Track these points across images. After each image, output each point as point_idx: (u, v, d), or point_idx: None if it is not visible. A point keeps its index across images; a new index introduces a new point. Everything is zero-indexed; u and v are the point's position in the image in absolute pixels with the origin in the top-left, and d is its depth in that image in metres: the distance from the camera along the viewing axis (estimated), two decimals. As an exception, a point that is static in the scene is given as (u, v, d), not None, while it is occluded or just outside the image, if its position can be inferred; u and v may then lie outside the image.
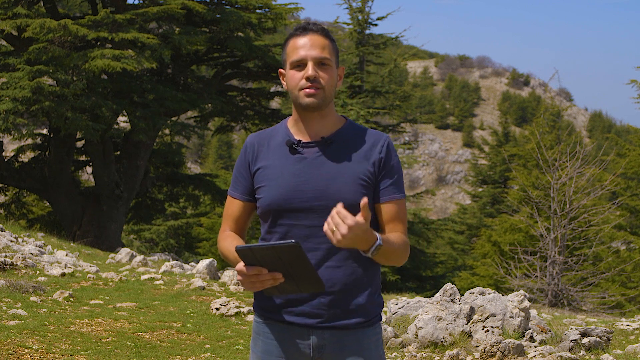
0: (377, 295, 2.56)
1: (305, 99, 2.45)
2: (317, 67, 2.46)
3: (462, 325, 6.31)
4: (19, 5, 16.12)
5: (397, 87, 23.31)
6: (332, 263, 2.46)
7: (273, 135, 2.58)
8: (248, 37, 18.61)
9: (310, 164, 2.48)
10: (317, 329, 2.48)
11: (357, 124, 2.60)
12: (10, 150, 20.82)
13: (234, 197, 2.61)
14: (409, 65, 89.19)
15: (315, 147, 2.50)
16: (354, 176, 2.46)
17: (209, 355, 6.12)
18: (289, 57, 2.50)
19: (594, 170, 14.58)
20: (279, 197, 2.47)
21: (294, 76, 2.47)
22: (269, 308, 2.54)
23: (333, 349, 2.50)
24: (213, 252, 25.66)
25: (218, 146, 60.40)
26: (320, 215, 2.42)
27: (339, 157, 2.49)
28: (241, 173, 2.59)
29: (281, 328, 2.52)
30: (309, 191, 2.45)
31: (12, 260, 8.90)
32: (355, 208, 2.33)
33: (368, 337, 2.53)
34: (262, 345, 2.57)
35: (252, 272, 2.27)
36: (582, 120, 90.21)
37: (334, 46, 2.52)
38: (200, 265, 10.05)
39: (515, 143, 31.74)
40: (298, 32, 2.51)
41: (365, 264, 2.50)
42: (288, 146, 2.51)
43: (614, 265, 14.91)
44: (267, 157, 2.53)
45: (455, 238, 28.63)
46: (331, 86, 2.48)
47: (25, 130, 16.12)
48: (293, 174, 2.47)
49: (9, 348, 5.56)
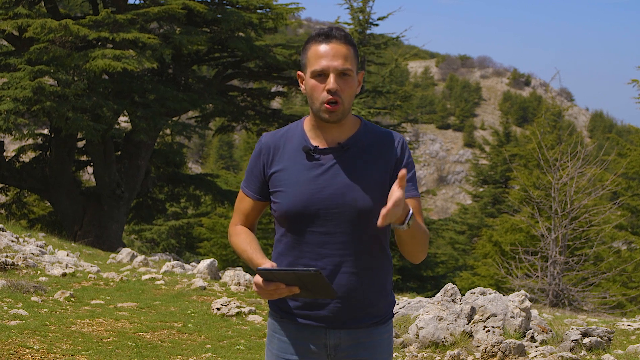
0: (390, 294, 2.61)
1: (325, 114, 2.46)
2: (338, 78, 2.45)
3: (463, 325, 6.31)
4: (20, 5, 16.12)
5: (398, 87, 23.28)
6: (349, 269, 2.49)
7: (289, 137, 2.57)
8: (249, 37, 18.60)
9: (327, 171, 2.49)
10: (333, 328, 2.52)
11: (371, 125, 2.60)
12: (12, 150, 20.83)
13: (247, 194, 2.62)
14: (410, 65, 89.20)
15: (332, 154, 2.50)
16: (371, 182, 2.48)
17: (210, 355, 6.12)
18: (309, 63, 2.48)
19: (595, 170, 14.58)
20: (296, 204, 2.48)
21: (316, 87, 2.46)
22: (285, 308, 2.56)
23: (348, 347, 2.54)
24: (214, 252, 25.66)
25: (219, 146, 60.36)
26: (336, 223, 2.45)
27: (355, 163, 2.49)
28: (254, 174, 2.59)
29: (298, 327, 2.55)
30: (325, 198, 2.46)
31: (13, 260, 8.90)
32: (372, 213, 2.40)
33: (381, 335, 2.58)
34: (278, 343, 2.59)
35: (270, 287, 2.33)
36: (583, 120, 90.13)
37: (355, 52, 2.51)
38: (201, 265, 10.05)
39: (516, 143, 31.73)
40: (321, 38, 2.48)
41: (380, 266, 2.54)
42: (305, 152, 2.51)
43: (615, 265, 14.90)
44: (282, 160, 2.54)
45: (456, 238, 28.63)
46: (351, 97, 2.49)
47: (26, 130, 16.13)
48: (310, 181, 2.48)
49: (10, 348, 5.56)
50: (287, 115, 21.41)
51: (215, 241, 26.41)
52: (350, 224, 2.46)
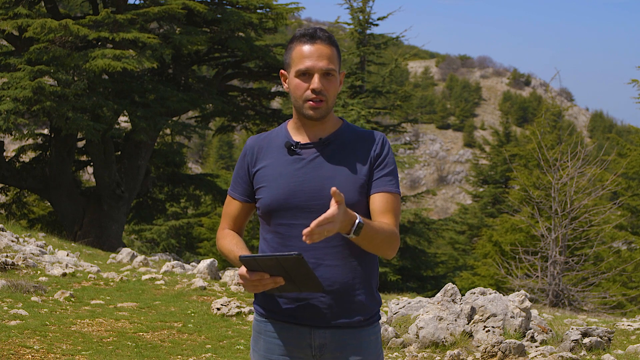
0: (376, 292, 2.60)
1: (309, 111, 2.51)
2: (322, 78, 2.50)
3: (463, 325, 6.31)
4: (20, 5, 16.13)
5: (398, 87, 23.29)
6: (331, 262, 2.49)
7: (272, 137, 2.63)
8: (249, 37, 18.60)
9: (308, 164, 2.53)
10: (318, 328, 2.51)
11: (354, 125, 2.66)
12: (12, 150, 20.83)
13: (233, 197, 2.67)
14: (409, 65, 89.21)
15: (313, 148, 2.55)
16: (351, 176, 2.51)
17: (210, 355, 6.12)
18: (294, 63, 2.53)
19: (595, 170, 14.58)
20: (278, 197, 2.51)
21: (299, 85, 2.52)
22: (270, 307, 2.56)
23: (334, 348, 2.52)
24: (214, 252, 25.68)
25: (219, 146, 60.35)
26: (317, 215, 2.43)
27: (336, 158, 2.54)
28: (240, 175, 2.64)
29: (282, 327, 2.55)
30: (306, 191, 2.50)
31: (13, 260, 8.90)
32: (352, 207, 2.39)
33: (368, 337, 2.56)
34: (263, 343, 2.59)
35: (254, 277, 2.33)
36: (583, 120, 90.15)
37: (338, 53, 2.57)
38: (201, 265, 10.05)
39: (516, 143, 31.73)
40: (305, 38, 2.53)
41: (364, 262, 2.54)
42: (287, 147, 2.56)
43: (615, 265, 14.90)
44: (266, 158, 2.59)
45: (456, 238, 28.61)
46: (334, 96, 2.55)
47: (26, 130, 16.14)
48: (291, 175, 2.52)
49: (10, 348, 5.56)
50: (287, 115, 21.40)
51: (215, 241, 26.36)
52: None
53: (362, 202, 2.49)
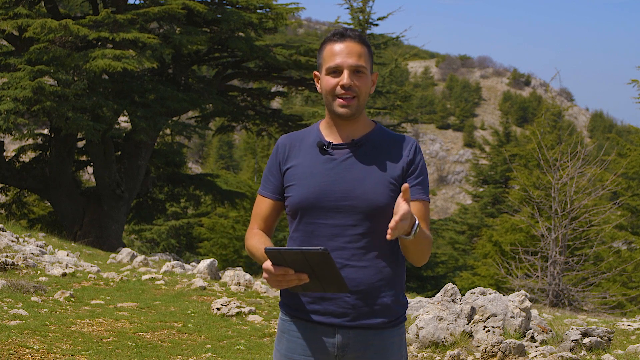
0: (402, 295, 2.60)
1: (340, 108, 2.52)
2: (352, 74, 2.51)
3: (463, 325, 6.31)
4: (20, 5, 16.12)
5: (398, 87, 23.32)
6: (359, 263, 2.49)
7: (305, 136, 2.63)
8: (249, 37, 18.60)
9: (340, 165, 2.53)
10: (342, 328, 2.51)
11: (386, 129, 2.66)
12: (12, 150, 20.83)
13: (264, 195, 2.65)
14: (409, 65, 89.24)
15: (346, 149, 2.55)
16: (382, 178, 2.51)
17: (210, 355, 6.12)
18: (325, 62, 2.55)
19: (595, 170, 14.58)
20: (308, 196, 2.51)
21: (329, 82, 2.52)
22: (295, 306, 2.56)
23: (357, 348, 2.52)
24: (214, 252, 25.67)
25: (219, 146, 60.36)
26: (347, 215, 2.46)
27: (367, 160, 2.54)
28: (272, 172, 2.63)
29: (306, 326, 2.55)
30: (337, 191, 2.50)
31: (13, 260, 8.90)
32: (381, 209, 2.43)
33: (391, 338, 2.56)
34: (286, 343, 2.59)
35: (279, 272, 2.31)
36: (583, 120, 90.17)
37: (369, 53, 2.57)
38: (201, 265, 10.05)
39: (516, 143, 31.76)
40: (335, 37, 2.55)
41: (391, 264, 2.54)
42: (318, 147, 2.56)
43: (615, 265, 14.90)
44: (297, 157, 2.59)
45: (456, 238, 28.63)
46: (365, 94, 2.54)
47: (26, 130, 16.12)
48: (322, 174, 2.53)
49: (10, 348, 5.56)
50: (287, 115, 21.41)
51: (215, 241, 26.42)
52: (360, 217, 2.48)
53: (391, 206, 2.46)
